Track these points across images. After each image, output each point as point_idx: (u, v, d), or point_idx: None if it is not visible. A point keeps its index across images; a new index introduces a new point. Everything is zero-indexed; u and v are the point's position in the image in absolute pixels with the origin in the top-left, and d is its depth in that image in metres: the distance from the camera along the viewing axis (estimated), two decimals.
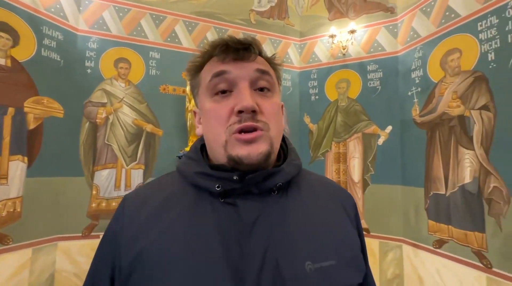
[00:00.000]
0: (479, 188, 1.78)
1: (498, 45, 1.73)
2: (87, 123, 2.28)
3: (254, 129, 0.39)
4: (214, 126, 0.41)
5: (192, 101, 2.34)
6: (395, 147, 2.47)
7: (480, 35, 1.85)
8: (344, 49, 2.72)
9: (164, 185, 0.45)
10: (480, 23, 1.85)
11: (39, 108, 1.97)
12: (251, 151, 0.38)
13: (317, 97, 2.91)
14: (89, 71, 2.30)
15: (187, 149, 2.36)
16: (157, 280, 0.35)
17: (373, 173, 2.55)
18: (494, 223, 1.68)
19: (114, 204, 2.28)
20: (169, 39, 2.58)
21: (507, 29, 1.69)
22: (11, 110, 1.82)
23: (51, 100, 2.05)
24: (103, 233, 0.44)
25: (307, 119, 2.94)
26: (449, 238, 1.98)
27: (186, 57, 2.56)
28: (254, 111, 0.39)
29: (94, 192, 2.25)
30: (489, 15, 1.80)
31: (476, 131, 1.82)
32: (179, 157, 2.17)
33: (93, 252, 0.43)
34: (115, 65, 2.38)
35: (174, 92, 2.55)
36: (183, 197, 0.41)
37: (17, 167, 1.83)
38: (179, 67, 2.52)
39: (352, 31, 2.62)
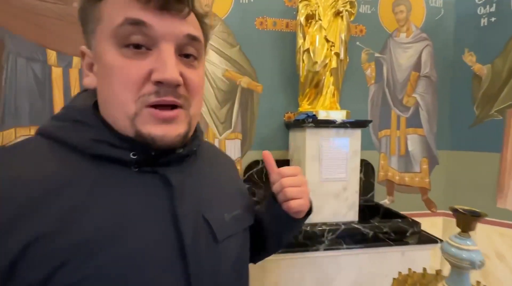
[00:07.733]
0: None
1: None
2: None
3: (174, 106, 0.34)
4: (120, 90, 0.33)
5: (308, 37, 1.55)
6: None
7: None
8: None
9: (31, 158, 0.32)
10: None
11: None
12: (168, 132, 0.34)
13: (491, 19, 1.82)
14: None
15: (302, 109, 1.63)
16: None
17: None
18: None
19: None
20: None
21: None
22: None
23: None
24: None
25: (469, 57, 1.91)
26: None
27: None
28: (178, 85, 0.34)
29: None
30: None
31: None
32: (303, 121, 1.44)
33: None
34: None
35: (274, 27, 1.77)
36: (78, 172, 0.32)
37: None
38: None
39: None
